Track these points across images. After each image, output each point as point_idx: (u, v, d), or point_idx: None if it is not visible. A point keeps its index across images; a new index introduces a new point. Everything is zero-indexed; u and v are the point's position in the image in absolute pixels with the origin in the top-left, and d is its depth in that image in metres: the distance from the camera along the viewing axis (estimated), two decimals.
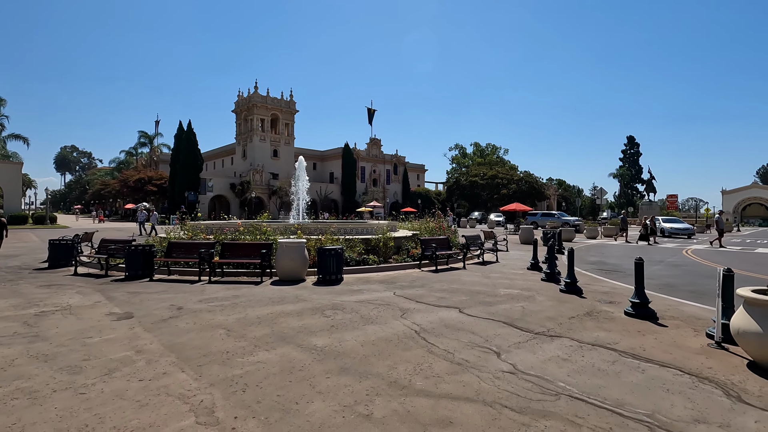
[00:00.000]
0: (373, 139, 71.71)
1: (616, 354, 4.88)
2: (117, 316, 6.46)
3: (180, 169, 52.68)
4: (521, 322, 6.23)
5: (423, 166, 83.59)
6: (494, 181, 65.15)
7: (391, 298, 7.94)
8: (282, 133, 63.52)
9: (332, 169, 69.28)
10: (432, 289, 8.90)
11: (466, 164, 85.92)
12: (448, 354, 4.81)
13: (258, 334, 5.52)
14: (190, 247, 10.48)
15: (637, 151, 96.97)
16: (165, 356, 4.64)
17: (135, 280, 9.81)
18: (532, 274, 11.15)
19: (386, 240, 12.99)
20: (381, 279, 10.14)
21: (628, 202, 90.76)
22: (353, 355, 4.73)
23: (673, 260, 15.03)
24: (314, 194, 63.74)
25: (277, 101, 63.17)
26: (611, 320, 6.42)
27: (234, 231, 12.60)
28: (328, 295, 8.17)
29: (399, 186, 73.36)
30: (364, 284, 9.39)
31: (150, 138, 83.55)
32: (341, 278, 9.88)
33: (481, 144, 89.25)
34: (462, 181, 69.17)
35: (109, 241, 11.37)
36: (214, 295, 8.05)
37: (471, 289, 8.93)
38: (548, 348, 5.06)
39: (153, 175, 62.78)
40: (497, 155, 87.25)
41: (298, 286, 9.16)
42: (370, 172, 70.53)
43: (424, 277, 10.56)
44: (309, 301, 7.62)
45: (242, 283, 9.53)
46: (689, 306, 7.49)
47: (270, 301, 7.54)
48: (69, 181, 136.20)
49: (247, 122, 62.48)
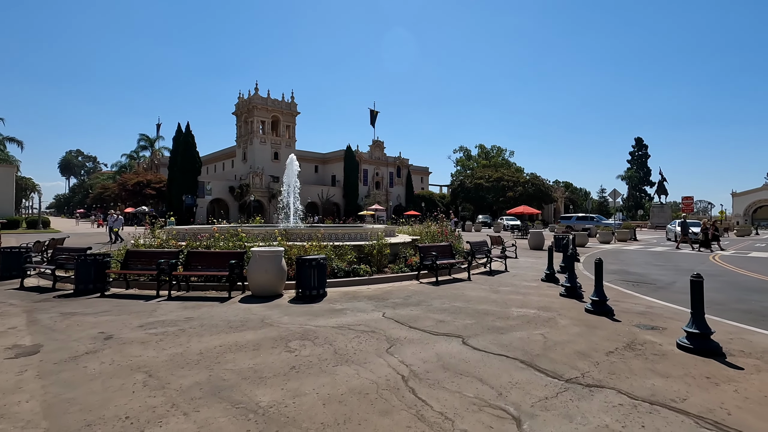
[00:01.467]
0: (375, 141, 70.34)
1: (691, 421, 3.35)
2: (20, 350, 5.01)
3: (178, 172, 51.50)
4: (544, 361, 4.71)
5: (427, 168, 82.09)
6: (500, 184, 63.52)
7: (378, 321, 6.45)
8: (283, 136, 62.34)
9: (334, 171, 67.94)
10: (430, 308, 7.39)
11: (470, 167, 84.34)
12: (446, 421, 3.31)
13: (187, 382, 4.05)
14: (151, 256, 9.05)
15: (645, 152, 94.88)
16: (29, 428, 3.18)
17: (84, 295, 8.39)
18: (548, 287, 9.61)
19: (381, 247, 11.50)
20: (371, 294, 8.65)
21: (637, 205, 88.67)
22: (307, 425, 3.24)
23: (704, 269, 13.40)
24: (315, 197, 62.51)
25: (278, 103, 62.01)
26: (663, 357, 4.88)
27: (210, 237, 11.18)
28: (302, 317, 6.69)
29: (402, 189, 71.88)
30: (349, 301, 7.91)
31: (151, 141, 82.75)
32: (324, 293, 8.40)
33: (486, 146, 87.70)
34: (467, 183, 67.59)
35: (62, 250, 9.98)
36: (163, 318, 6.60)
37: (477, 308, 7.42)
38: (589, 409, 3.54)
39: (152, 179, 61.76)
40: (503, 157, 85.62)
41: (271, 303, 7.69)
42: (373, 174, 69.13)
43: (422, 291, 9.05)
44: (276, 326, 6.14)
45: (207, 299, 8.07)
46: (757, 335, 5.92)
47: (227, 327, 6.06)
48: (73, 186, 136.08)
49: (248, 124, 61.38)
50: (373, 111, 69.56)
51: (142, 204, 63.10)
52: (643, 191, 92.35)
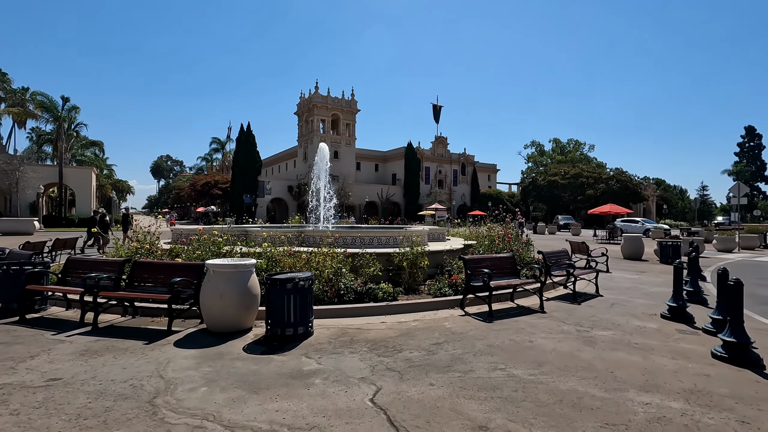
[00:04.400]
0: (438, 138, 66.64)
1: None
2: None
3: (239, 172, 52.01)
4: None
5: (494, 165, 76.56)
6: (578, 181, 56.70)
7: (356, 416, 3.33)
8: (343, 134, 61.00)
9: (394, 170, 65.30)
10: (468, 379, 4.10)
11: (543, 163, 77.35)
12: None
13: None
14: (92, 267, 6.71)
15: (758, 143, 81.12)
16: None
17: (5, 317, 6.26)
18: (679, 334, 5.78)
19: (415, 257, 8.34)
20: (380, 336, 5.52)
21: (750, 204, 75.56)
22: None
23: None
24: (375, 197, 60.34)
25: (338, 101, 60.77)
26: None
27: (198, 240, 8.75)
28: (232, 390, 3.76)
29: (467, 187, 67.37)
30: (337, 351, 4.86)
31: (222, 144, 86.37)
32: (307, 332, 5.44)
33: (561, 140, 79.94)
34: (539, 181, 61.43)
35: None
36: (28, 376, 4.06)
37: (558, 386, 3.97)
38: None
39: (219, 179, 63.57)
40: (581, 152, 77.52)
41: (215, 350, 4.89)
42: (435, 172, 65.47)
43: (463, 333, 5.72)
44: (159, 416, 3.27)
45: (138, 334, 5.50)
46: None
47: (84, 407, 3.32)
48: (161, 187, 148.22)
49: (308, 123, 60.89)
50: (436, 105, 65.93)
51: (211, 204, 65.42)
52: (756, 188, 78.79)
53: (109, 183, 71.89)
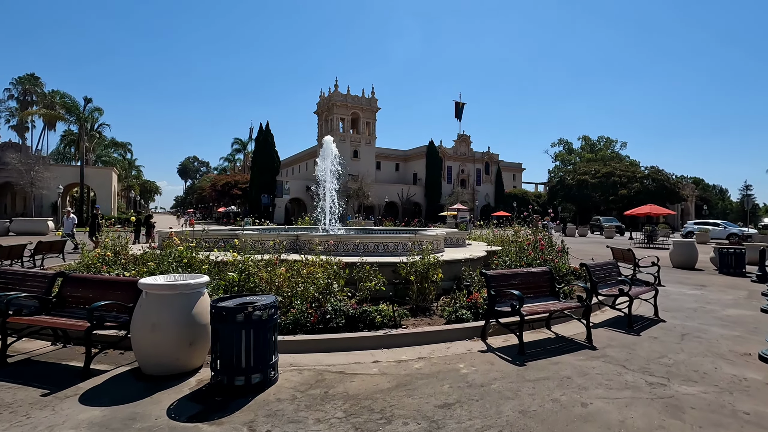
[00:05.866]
0: (461, 136, 64.48)
1: None
2: None
3: (258, 171, 51.42)
4: None
5: (520, 164, 73.75)
6: (610, 180, 53.56)
7: None
8: (363, 133, 59.68)
9: (415, 169, 63.55)
10: None
11: (572, 161, 74.03)
12: None
13: None
14: (17, 282, 5.41)
15: None
16: None
17: None
18: None
19: (426, 268, 6.77)
20: (364, 391, 3.95)
21: None
22: None
23: None
24: (395, 197, 58.76)
25: (358, 99, 59.49)
26: None
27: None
28: None
29: (491, 187, 64.92)
30: (297, 419, 3.34)
31: (243, 144, 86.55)
32: (267, 380, 3.94)
33: (591, 137, 76.36)
34: (568, 180, 58.52)
35: None
36: None
37: None
38: None
39: (239, 179, 63.33)
40: (612, 150, 73.77)
41: (130, 411, 3.45)
42: (458, 172, 63.36)
43: (486, 385, 4.10)
44: None
45: (53, 375, 4.15)
46: None
47: None
48: (186, 187, 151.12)
49: (328, 122, 59.85)
50: (459, 103, 63.83)
51: (231, 204, 65.32)
52: None
53: (137, 183, 73.16)
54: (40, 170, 30.83)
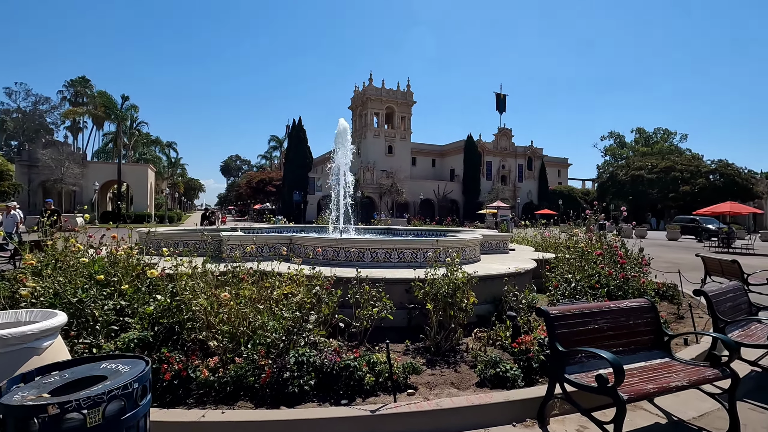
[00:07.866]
0: (501, 129, 60.96)
1: None
2: None
3: (290, 168, 50.60)
4: None
5: (566, 159, 69.03)
6: (669, 175, 48.47)
7: None
8: (398, 128, 57.54)
9: (453, 165, 60.71)
10: None
11: (624, 155, 68.43)
12: None
13: None
14: None
15: None
16: None
17: None
18: None
19: (450, 290, 4.63)
20: None
21: None
22: None
23: None
24: (431, 194, 56.31)
25: (393, 93, 57.35)
26: None
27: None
28: None
29: (534, 183, 61.02)
30: None
31: (280, 141, 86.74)
32: None
33: (646, 129, 70.25)
34: (619, 176, 53.71)
35: None
36: None
37: None
38: None
39: (273, 176, 63.13)
40: (671, 142, 67.47)
41: None
42: (498, 167, 59.94)
43: None
44: None
45: None
46: None
47: None
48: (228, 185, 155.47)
49: (362, 118, 58.20)
50: (500, 95, 60.31)
51: (266, 201, 65.27)
52: None
53: (181, 181, 74.98)
54: (70, 166, 31.07)
